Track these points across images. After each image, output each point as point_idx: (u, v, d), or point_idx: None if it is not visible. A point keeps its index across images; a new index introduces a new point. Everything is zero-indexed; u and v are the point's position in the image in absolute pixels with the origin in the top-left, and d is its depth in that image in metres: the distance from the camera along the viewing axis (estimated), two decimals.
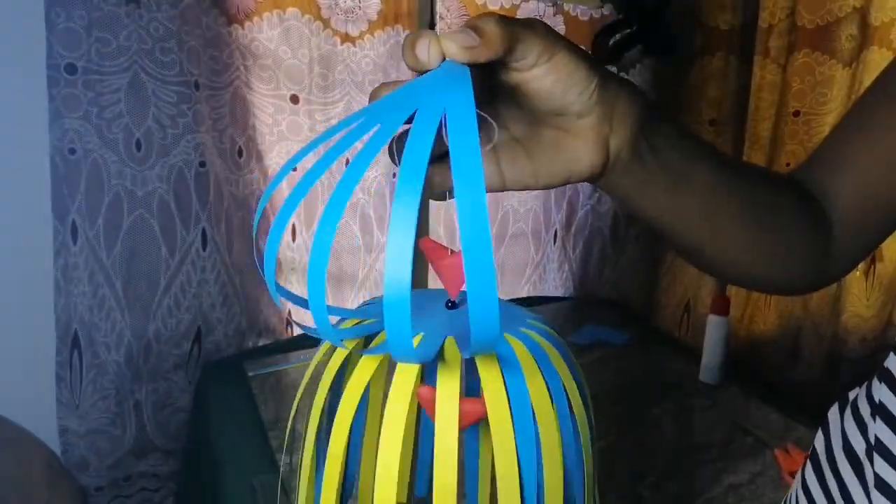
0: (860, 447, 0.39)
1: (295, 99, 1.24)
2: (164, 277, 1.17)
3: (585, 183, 0.37)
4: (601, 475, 0.42)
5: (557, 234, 1.59)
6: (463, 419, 0.32)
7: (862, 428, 0.40)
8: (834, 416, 0.44)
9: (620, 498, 0.84)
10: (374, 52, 1.27)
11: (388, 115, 0.29)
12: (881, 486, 0.36)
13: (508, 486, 0.32)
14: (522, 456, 0.32)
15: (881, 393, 0.38)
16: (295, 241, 1.30)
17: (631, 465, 0.90)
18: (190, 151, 1.13)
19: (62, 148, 1.04)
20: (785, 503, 0.49)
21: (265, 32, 1.18)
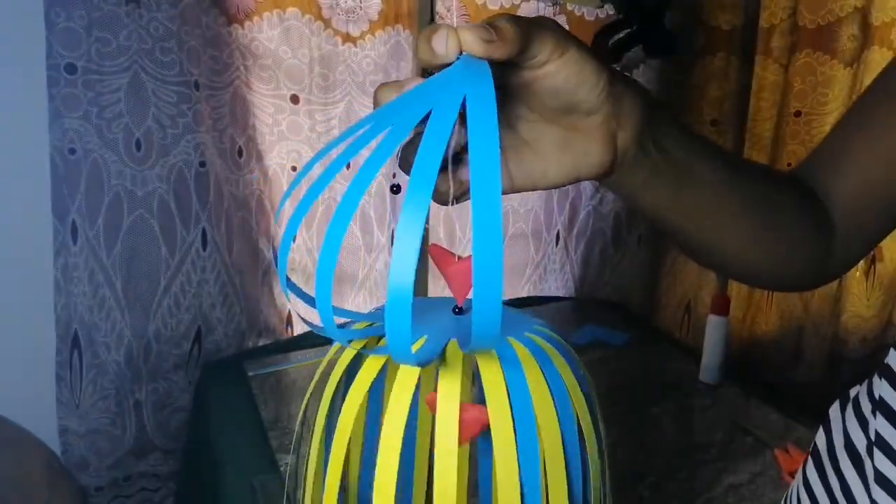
0: (861, 444, 0.40)
1: (295, 99, 1.24)
2: (164, 277, 1.17)
3: (588, 184, 0.37)
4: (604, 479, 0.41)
5: (560, 235, 1.58)
6: (466, 429, 0.32)
7: (863, 424, 0.40)
8: (835, 413, 0.44)
9: (620, 498, 0.84)
10: (374, 52, 1.27)
11: (402, 115, 0.28)
12: (881, 480, 0.37)
13: (508, 489, 0.32)
14: (523, 457, 0.32)
15: (882, 389, 0.38)
16: (294, 241, 1.30)
17: (631, 465, 0.90)
18: (190, 151, 1.13)
19: (62, 148, 1.04)
20: (786, 500, 0.49)
21: (265, 32, 1.18)
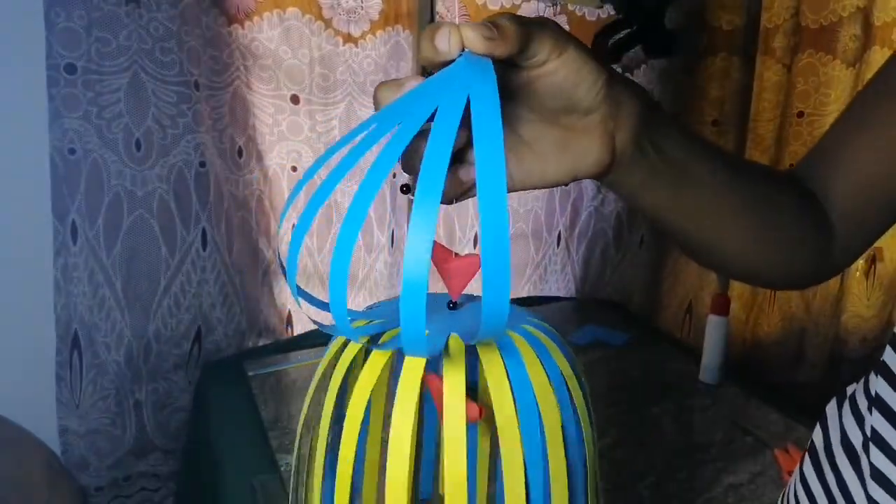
0: (857, 440, 0.40)
1: (295, 99, 1.24)
2: (164, 277, 1.17)
3: (590, 184, 0.38)
4: (601, 474, 0.42)
5: (561, 235, 1.58)
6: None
7: (859, 421, 0.40)
8: (832, 410, 0.45)
9: (620, 497, 0.84)
10: (375, 52, 1.27)
11: (408, 114, 0.29)
12: (877, 476, 0.37)
13: (514, 475, 0.32)
14: (527, 443, 0.33)
15: (878, 385, 0.38)
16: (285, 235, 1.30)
17: (631, 464, 0.90)
18: (190, 151, 1.13)
19: (62, 148, 1.05)
20: (783, 498, 0.49)
21: (265, 32, 1.18)
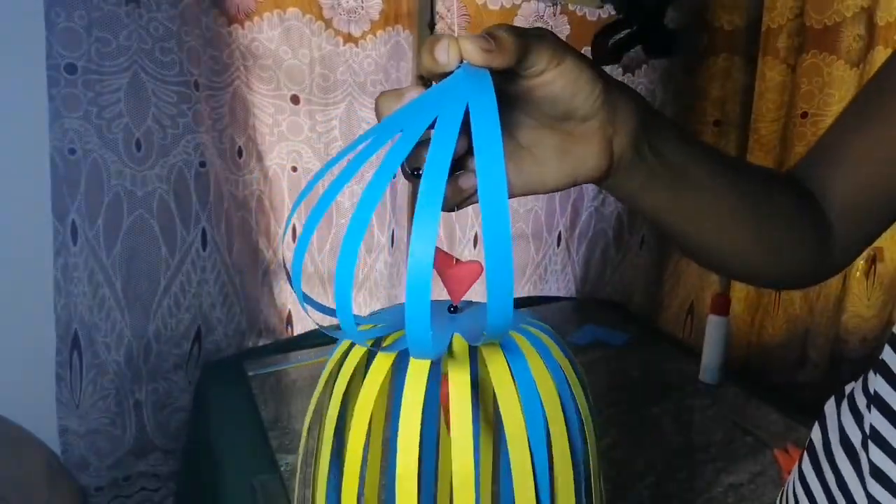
0: (856, 438, 0.40)
1: (295, 99, 1.24)
2: (164, 277, 1.17)
3: (590, 185, 0.38)
4: (601, 474, 0.43)
5: (561, 236, 1.58)
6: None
7: (858, 419, 0.40)
8: (830, 409, 0.45)
9: (620, 497, 0.84)
10: (375, 52, 1.27)
11: (409, 123, 0.30)
12: (876, 473, 0.37)
13: (521, 471, 0.33)
14: (533, 440, 0.33)
15: (877, 384, 0.39)
16: (296, 241, 1.30)
17: (631, 464, 0.90)
18: (190, 151, 1.13)
19: (62, 148, 1.05)
20: (782, 497, 0.49)
21: (265, 32, 1.18)
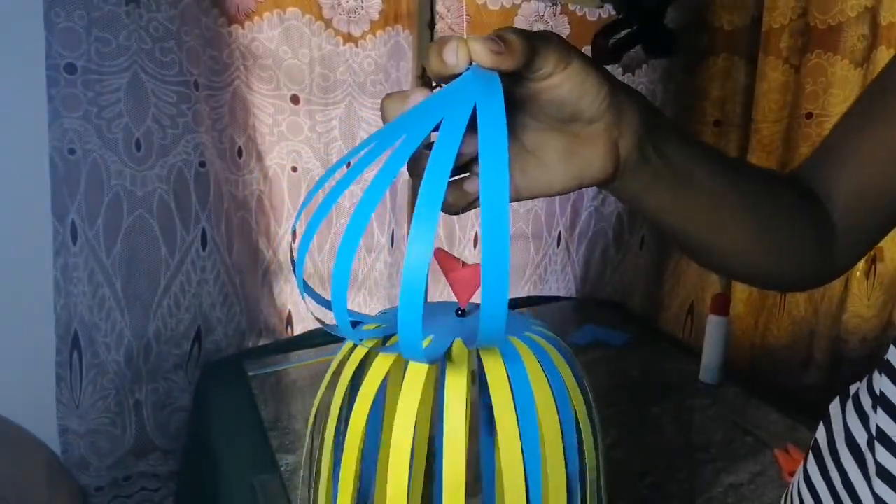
0: (862, 438, 0.40)
1: (295, 99, 1.24)
2: (164, 277, 1.17)
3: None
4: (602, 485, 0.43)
5: (561, 236, 1.58)
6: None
7: (863, 419, 0.40)
8: (835, 409, 0.45)
9: (620, 497, 0.84)
10: (375, 52, 1.27)
11: (416, 124, 0.30)
12: (883, 474, 0.37)
13: (513, 476, 0.33)
14: (526, 445, 0.33)
15: (882, 384, 0.39)
16: (296, 241, 1.30)
17: (631, 464, 0.90)
18: (190, 151, 1.13)
19: (62, 148, 1.04)
20: (787, 496, 0.49)
21: (265, 32, 1.18)
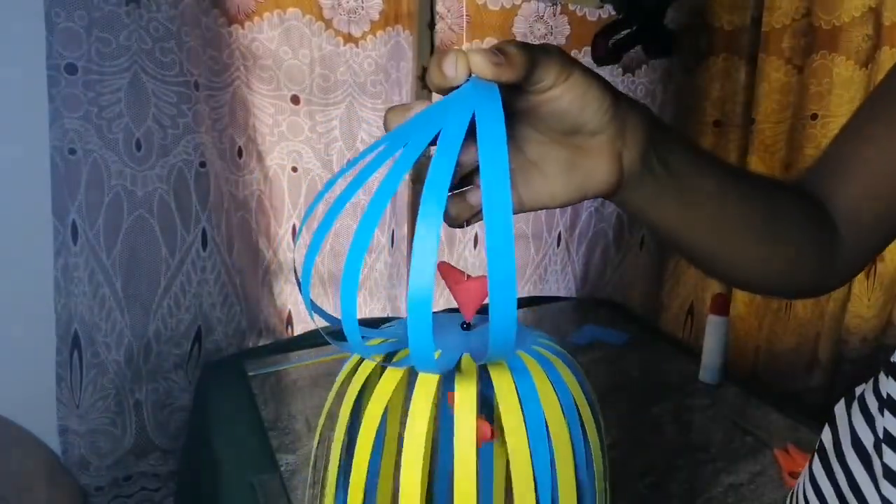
0: (868, 441, 0.40)
1: (296, 100, 1.24)
2: (164, 277, 1.17)
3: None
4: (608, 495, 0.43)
5: (561, 236, 1.58)
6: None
7: (870, 422, 0.40)
8: (841, 410, 0.45)
9: (620, 498, 0.84)
10: (375, 52, 1.27)
11: (415, 134, 0.30)
12: (890, 476, 0.37)
13: (523, 488, 0.33)
14: (536, 458, 0.33)
15: (889, 387, 0.38)
16: (295, 243, 1.30)
17: (631, 464, 0.90)
18: (190, 151, 1.13)
19: (62, 148, 1.05)
20: (791, 497, 0.49)
21: (266, 33, 1.18)
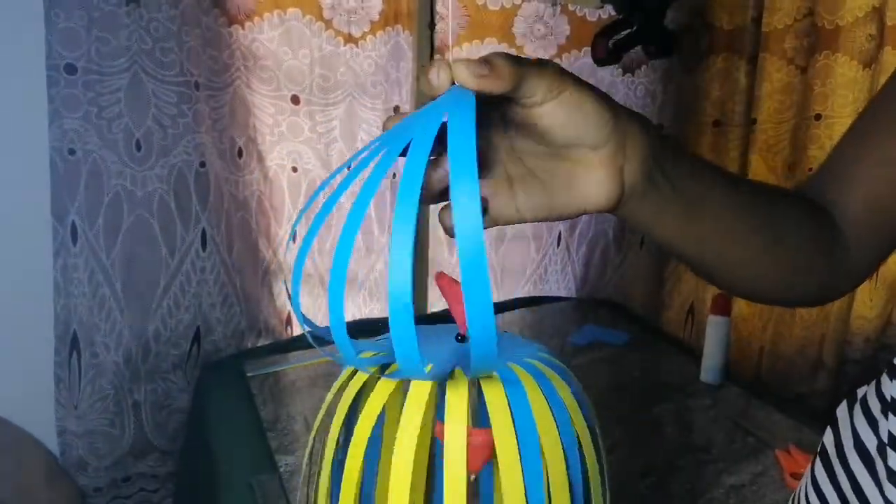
0: (871, 443, 0.40)
1: (295, 100, 1.24)
2: (163, 277, 1.17)
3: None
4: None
5: (561, 236, 1.58)
6: (477, 455, 0.34)
7: (873, 424, 0.40)
8: (843, 413, 0.44)
9: (620, 498, 0.83)
10: (375, 52, 1.27)
11: (393, 141, 0.31)
12: (894, 479, 0.36)
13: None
14: (528, 472, 0.33)
15: (892, 389, 0.38)
16: (286, 251, 1.30)
17: (631, 464, 0.90)
18: (190, 152, 1.13)
19: (62, 148, 1.04)
20: (794, 499, 0.49)
21: (266, 33, 1.18)
